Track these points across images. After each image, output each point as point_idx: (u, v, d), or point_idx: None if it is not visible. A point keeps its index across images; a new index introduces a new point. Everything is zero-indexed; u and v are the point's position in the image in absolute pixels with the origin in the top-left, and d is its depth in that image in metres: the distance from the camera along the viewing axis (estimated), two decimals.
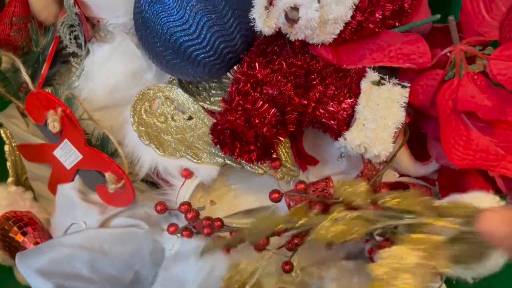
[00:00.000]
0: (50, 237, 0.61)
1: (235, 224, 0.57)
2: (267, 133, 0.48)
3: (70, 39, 0.61)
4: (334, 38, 0.52)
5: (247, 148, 0.49)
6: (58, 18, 0.69)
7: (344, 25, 0.51)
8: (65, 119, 0.53)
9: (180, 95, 0.58)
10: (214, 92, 0.60)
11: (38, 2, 0.67)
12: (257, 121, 0.48)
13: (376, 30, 0.53)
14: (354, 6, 0.51)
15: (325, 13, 0.49)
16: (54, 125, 0.51)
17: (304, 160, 0.58)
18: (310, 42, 0.52)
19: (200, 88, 0.60)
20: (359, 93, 0.51)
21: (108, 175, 0.53)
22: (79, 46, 0.61)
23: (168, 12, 0.49)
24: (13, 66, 0.67)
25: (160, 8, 0.50)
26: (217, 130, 0.49)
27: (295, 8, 0.49)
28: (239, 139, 0.49)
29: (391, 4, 0.53)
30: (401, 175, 0.60)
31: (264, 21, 0.47)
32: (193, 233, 0.54)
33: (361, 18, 0.51)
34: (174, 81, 0.59)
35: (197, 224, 0.53)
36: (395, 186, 0.59)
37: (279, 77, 0.50)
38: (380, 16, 0.52)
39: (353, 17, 0.51)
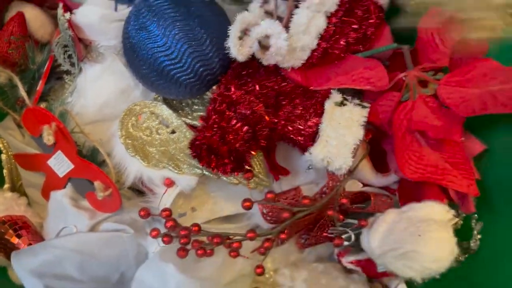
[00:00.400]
0: (43, 239, 0.66)
1: (213, 229, 0.63)
2: (240, 148, 0.54)
3: (64, 58, 0.66)
4: (303, 63, 0.58)
5: (222, 161, 0.54)
6: (53, 36, 0.75)
7: (310, 51, 0.57)
8: (59, 133, 0.58)
9: (164, 110, 0.64)
10: (196, 107, 0.66)
11: (35, 22, 0.73)
12: (231, 137, 0.54)
13: (341, 55, 0.59)
14: (320, 35, 0.57)
15: (294, 41, 0.55)
16: (48, 138, 0.56)
17: (277, 171, 0.64)
18: (281, 66, 0.58)
19: (183, 104, 0.66)
20: (323, 112, 0.57)
21: (97, 183, 0.59)
22: (72, 64, 0.67)
23: (153, 39, 0.55)
24: (10, 81, 0.72)
25: (146, 35, 0.55)
26: (195, 145, 0.55)
27: (267, 36, 0.55)
28: (214, 153, 0.54)
29: (354, 32, 0.59)
30: (365, 185, 0.66)
31: (238, 50, 0.53)
32: (173, 239, 0.59)
33: (326, 45, 0.57)
34: (159, 98, 0.65)
35: (175, 233, 0.58)
36: (358, 195, 0.64)
37: (252, 98, 0.56)
38: (344, 43, 0.58)
39: (318, 44, 0.57)
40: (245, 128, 0.54)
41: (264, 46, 0.56)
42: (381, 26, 0.60)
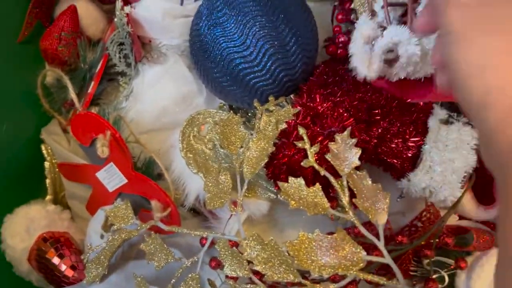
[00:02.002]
0: None
1: None
2: (327, 170, 0.45)
3: (120, 57, 0.59)
4: None
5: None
6: (105, 34, 0.68)
7: None
8: (113, 142, 0.50)
9: None
10: (259, 116, 0.57)
11: (87, 17, 0.66)
12: (316, 157, 0.45)
13: None
14: None
15: (425, 44, 0.46)
16: (103, 150, 0.49)
17: None
18: (412, 78, 0.48)
19: (249, 114, 0.58)
20: (426, 131, 0.48)
21: (154, 203, 0.51)
22: (128, 65, 0.59)
23: (229, 37, 0.47)
24: (57, 82, 0.66)
25: (221, 33, 0.47)
26: (273, 165, 0.46)
27: (390, 50, 0.45)
28: (295, 175, 0.45)
29: None
30: (461, 217, 0.56)
31: (368, 67, 0.44)
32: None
33: None
34: (225, 107, 0.57)
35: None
36: (455, 230, 0.54)
37: (341, 110, 0.47)
38: None
39: None
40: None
41: (387, 60, 0.47)
42: None
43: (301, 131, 0.43)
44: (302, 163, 0.43)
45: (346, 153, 0.43)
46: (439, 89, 0.31)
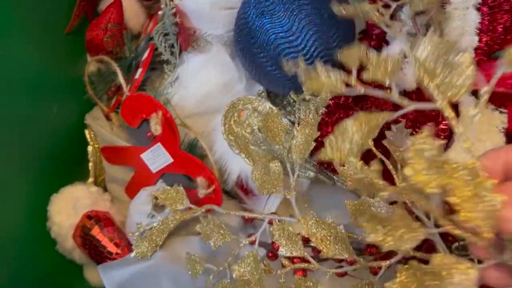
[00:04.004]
0: (127, 238, 0.62)
1: None
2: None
3: (165, 47, 0.62)
4: None
5: None
6: (145, 27, 0.72)
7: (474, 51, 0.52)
8: (164, 122, 0.54)
9: (268, 108, 0.59)
10: (298, 106, 0.61)
11: (130, 10, 0.70)
12: None
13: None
14: (478, 30, 0.51)
15: None
16: (156, 128, 0.52)
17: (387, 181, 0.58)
18: None
19: (285, 102, 0.61)
20: (458, 115, 0.51)
21: (199, 179, 0.54)
22: (172, 54, 0.63)
23: (277, 24, 0.51)
24: (99, 71, 0.69)
25: (269, 20, 0.51)
26: (317, 141, 0.49)
27: None
28: None
29: (507, 13, 0.52)
30: None
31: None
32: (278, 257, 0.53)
33: (487, 38, 0.51)
34: (263, 94, 0.60)
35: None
36: None
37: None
38: (502, 29, 0.52)
39: (480, 40, 0.51)
40: None
41: None
42: None
43: None
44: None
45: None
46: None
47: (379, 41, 0.58)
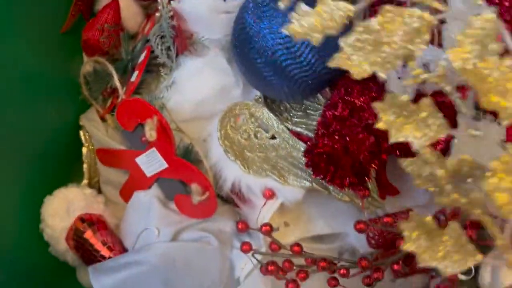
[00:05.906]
0: (121, 242, 0.61)
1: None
2: (364, 160, 0.48)
3: (162, 50, 0.62)
4: None
5: (342, 174, 0.48)
6: (143, 28, 0.71)
7: None
8: (159, 128, 0.53)
9: (265, 113, 0.58)
10: (294, 112, 0.60)
11: (127, 11, 0.69)
12: (354, 147, 0.48)
13: None
14: None
15: None
16: (151, 134, 0.51)
17: (385, 189, 0.57)
18: None
19: (281, 108, 0.61)
20: (455, 126, 0.51)
21: (194, 186, 0.53)
22: (168, 57, 0.62)
23: (274, 29, 0.50)
24: (95, 72, 0.69)
25: (267, 25, 0.50)
26: (313, 153, 0.49)
27: None
28: (334, 164, 0.48)
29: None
30: None
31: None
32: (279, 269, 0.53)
33: None
34: (260, 99, 0.60)
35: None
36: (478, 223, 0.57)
37: None
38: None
39: None
40: (372, 138, 0.48)
41: None
42: None
43: None
44: None
45: None
46: None
47: None
